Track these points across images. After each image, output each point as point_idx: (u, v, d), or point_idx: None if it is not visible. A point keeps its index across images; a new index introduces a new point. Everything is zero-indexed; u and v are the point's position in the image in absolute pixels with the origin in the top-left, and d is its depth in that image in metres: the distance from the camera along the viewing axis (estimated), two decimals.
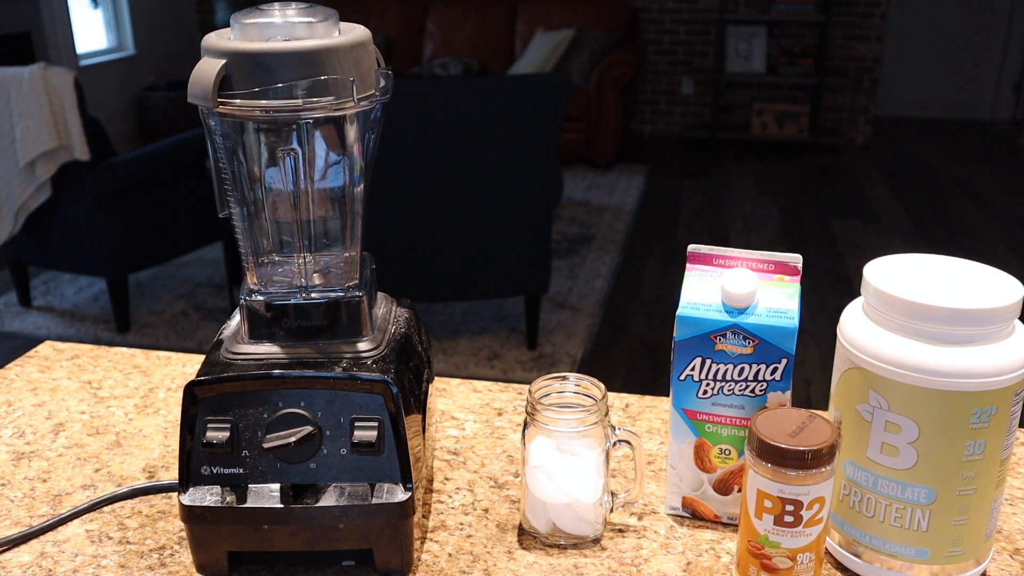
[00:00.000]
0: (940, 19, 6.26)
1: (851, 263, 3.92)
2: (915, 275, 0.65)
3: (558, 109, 2.79)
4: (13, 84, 2.97)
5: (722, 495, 0.73)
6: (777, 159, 5.64)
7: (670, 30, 6.06)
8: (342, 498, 0.65)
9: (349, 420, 0.65)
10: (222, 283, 3.79)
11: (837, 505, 0.68)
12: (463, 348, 3.19)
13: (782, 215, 4.62)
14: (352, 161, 0.68)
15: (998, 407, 0.61)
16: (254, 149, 0.67)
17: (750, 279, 0.68)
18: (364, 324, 0.69)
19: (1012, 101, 6.36)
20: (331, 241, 0.72)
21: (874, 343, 0.63)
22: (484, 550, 0.71)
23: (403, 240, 2.89)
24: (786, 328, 0.67)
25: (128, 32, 5.92)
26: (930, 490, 0.63)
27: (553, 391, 0.72)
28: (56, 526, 0.74)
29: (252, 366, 0.66)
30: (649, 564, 0.69)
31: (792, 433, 0.62)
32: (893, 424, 0.63)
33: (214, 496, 0.66)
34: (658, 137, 6.27)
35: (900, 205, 4.75)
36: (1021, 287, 0.63)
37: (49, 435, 0.88)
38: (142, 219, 3.29)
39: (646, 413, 0.91)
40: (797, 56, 5.83)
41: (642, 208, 4.76)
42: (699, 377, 0.70)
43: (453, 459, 0.83)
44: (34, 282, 3.80)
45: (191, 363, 1.02)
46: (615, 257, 4.05)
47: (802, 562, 0.63)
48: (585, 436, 0.69)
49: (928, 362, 0.61)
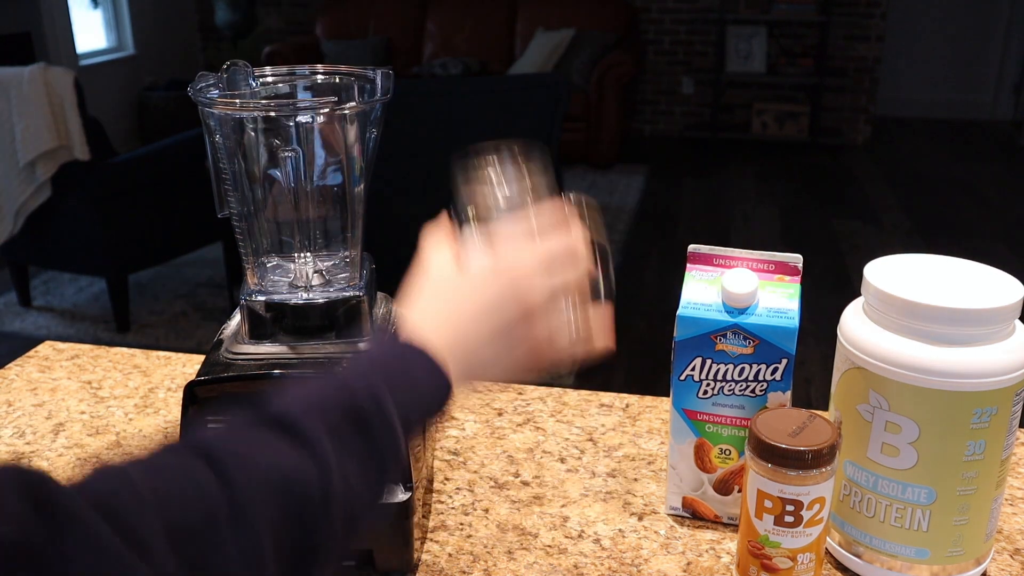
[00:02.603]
0: (940, 19, 6.26)
1: (851, 263, 3.92)
2: (915, 275, 0.65)
3: (558, 109, 2.79)
4: (13, 84, 2.97)
5: (722, 495, 0.73)
6: (777, 159, 5.63)
7: (670, 30, 6.06)
8: None
9: None
10: (222, 283, 3.79)
11: (837, 505, 0.68)
12: None
13: (782, 215, 4.62)
14: (352, 161, 0.68)
15: (998, 407, 0.61)
16: (254, 149, 0.67)
17: (750, 279, 0.68)
18: (364, 324, 0.69)
19: (1012, 101, 6.35)
20: (331, 241, 0.72)
21: (874, 343, 0.63)
22: (484, 550, 0.71)
23: (403, 240, 2.88)
24: (786, 328, 0.67)
25: (128, 32, 5.91)
26: (930, 490, 0.63)
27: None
28: None
29: (252, 366, 0.66)
30: (649, 564, 0.69)
31: (792, 433, 0.62)
32: (893, 424, 0.63)
33: None
34: (658, 137, 6.27)
35: (900, 205, 4.74)
36: (1021, 287, 0.63)
37: (49, 435, 0.88)
38: (142, 219, 3.28)
39: (646, 413, 0.90)
40: (797, 56, 5.83)
41: (642, 208, 4.75)
42: (699, 377, 0.70)
43: (453, 459, 0.83)
44: (34, 282, 3.79)
45: (191, 363, 1.01)
46: (615, 257, 4.04)
47: (802, 562, 0.63)
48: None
49: (928, 362, 0.61)
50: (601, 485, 0.79)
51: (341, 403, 0.46)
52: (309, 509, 0.42)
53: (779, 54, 5.87)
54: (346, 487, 0.44)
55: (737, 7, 5.79)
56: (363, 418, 0.47)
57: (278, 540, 0.41)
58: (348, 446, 0.45)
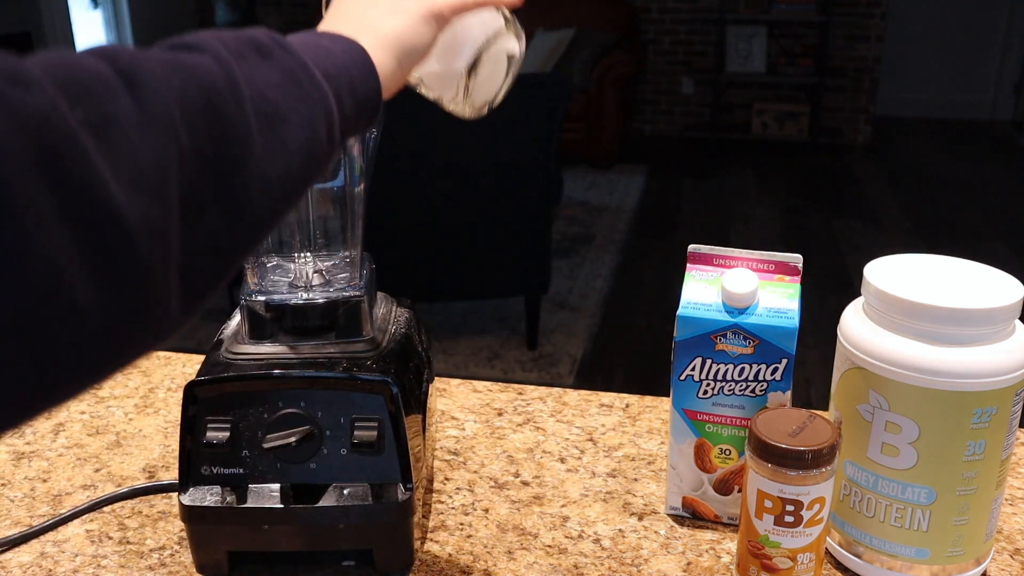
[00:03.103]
0: (940, 19, 6.26)
1: (851, 263, 3.92)
2: (915, 275, 0.65)
3: (558, 109, 2.79)
4: None
5: (722, 495, 0.73)
6: (777, 159, 5.63)
7: (670, 30, 6.06)
8: (342, 498, 0.65)
9: (349, 420, 0.65)
10: None
11: (837, 505, 0.68)
12: (463, 348, 3.19)
13: (782, 215, 4.62)
14: (352, 161, 0.68)
15: (998, 407, 0.61)
16: None
17: (750, 279, 0.68)
18: (364, 324, 0.69)
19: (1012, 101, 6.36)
20: (331, 241, 0.72)
21: (874, 343, 0.63)
22: (484, 550, 0.71)
23: (403, 240, 2.89)
24: (786, 328, 0.67)
25: (128, 32, 5.91)
26: (930, 490, 0.63)
27: None
28: (56, 526, 0.74)
29: (252, 366, 0.66)
30: (649, 564, 0.69)
31: (792, 433, 0.62)
32: (893, 424, 0.63)
33: (214, 496, 0.66)
34: (658, 137, 6.27)
35: (900, 205, 4.75)
36: (1021, 287, 0.63)
37: (49, 435, 0.88)
38: None
39: (646, 413, 0.91)
40: (797, 56, 5.83)
41: (642, 208, 4.75)
42: (699, 377, 0.70)
43: (453, 459, 0.83)
44: None
45: (191, 363, 1.02)
46: (615, 257, 4.05)
47: (802, 562, 0.63)
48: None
49: (928, 362, 0.61)
50: (601, 485, 0.79)
51: (237, 35, 0.44)
52: (215, 92, 0.39)
53: (779, 54, 5.87)
54: (253, 88, 0.41)
55: (737, 7, 5.79)
56: (261, 44, 0.44)
57: (186, 112, 0.38)
58: (249, 60, 0.43)
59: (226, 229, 0.40)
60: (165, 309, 0.37)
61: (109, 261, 0.33)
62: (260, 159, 0.41)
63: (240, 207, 0.40)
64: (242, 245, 0.41)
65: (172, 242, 0.36)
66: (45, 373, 0.32)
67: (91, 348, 0.33)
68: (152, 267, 0.35)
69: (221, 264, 0.40)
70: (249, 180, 0.40)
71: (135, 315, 0.35)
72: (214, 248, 0.39)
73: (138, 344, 0.36)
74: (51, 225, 0.31)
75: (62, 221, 0.31)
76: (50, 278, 0.31)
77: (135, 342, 0.36)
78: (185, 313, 0.38)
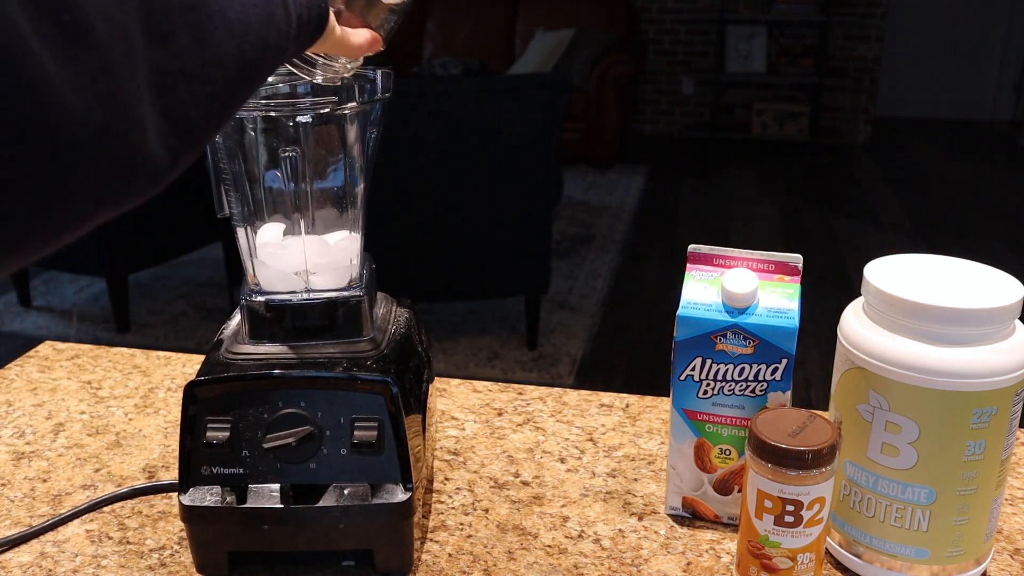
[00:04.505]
0: (940, 19, 6.26)
1: (851, 263, 3.92)
2: (915, 275, 0.65)
3: (558, 109, 2.79)
4: None
5: (722, 495, 0.73)
6: (777, 159, 5.63)
7: (670, 30, 6.06)
8: (342, 498, 0.65)
9: (349, 420, 0.65)
10: (222, 283, 3.79)
11: (837, 505, 0.68)
12: (463, 348, 3.19)
13: (782, 215, 4.62)
14: (352, 161, 0.68)
15: (998, 407, 0.61)
16: (254, 149, 0.67)
17: (750, 279, 0.68)
18: (364, 324, 0.69)
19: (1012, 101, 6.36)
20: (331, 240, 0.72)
21: (874, 343, 0.63)
22: (484, 550, 0.71)
23: (403, 240, 2.89)
24: (786, 328, 0.67)
25: None
26: (930, 490, 0.63)
27: None
28: (56, 526, 0.74)
29: (252, 366, 0.66)
30: (649, 564, 0.69)
31: (792, 433, 0.62)
32: (893, 424, 0.63)
33: (214, 496, 0.66)
34: (658, 137, 6.27)
35: (900, 205, 4.75)
36: (1021, 287, 0.63)
37: (49, 435, 0.88)
38: (142, 219, 3.28)
39: (646, 413, 0.91)
40: (797, 56, 5.84)
41: (642, 208, 4.75)
42: (699, 377, 0.70)
43: (453, 459, 0.83)
44: (34, 282, 3.80)
45: (191, 363, 1.02)
46: (615, 257, 4.05)
47: (802, 562, 0.63)
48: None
49: (928, 362, 0.61)
50: (601, 485, 0.79)
51: None
52: None
53: (779, 54, 5.87)
54: None
55: (737, 7, 5.79)
56: None
57: None
58: None
59: (195, 53, 0.40)
60: (143, 132, 0.36)
61: (64, 32, 0.32)
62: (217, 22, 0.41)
63: (207, 34, 0.40)
64: (212, 82, 0.41)
65: (137, 42, 0.36)
66: (30, 169, 0.31)
67: (66, 147, 0.33)
68: (113, 58, 0.34)
69: (196, 97, 0.40)
70: (213, 14, 0.41)
71: (109, 116, 0.34)
72: (184, 72, 0.39)
73: (120, 167, 0.36)
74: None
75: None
76: (11, 44, 0.30)
77: (116, 162, 0.35)
78: (169, 153, 0.38)
